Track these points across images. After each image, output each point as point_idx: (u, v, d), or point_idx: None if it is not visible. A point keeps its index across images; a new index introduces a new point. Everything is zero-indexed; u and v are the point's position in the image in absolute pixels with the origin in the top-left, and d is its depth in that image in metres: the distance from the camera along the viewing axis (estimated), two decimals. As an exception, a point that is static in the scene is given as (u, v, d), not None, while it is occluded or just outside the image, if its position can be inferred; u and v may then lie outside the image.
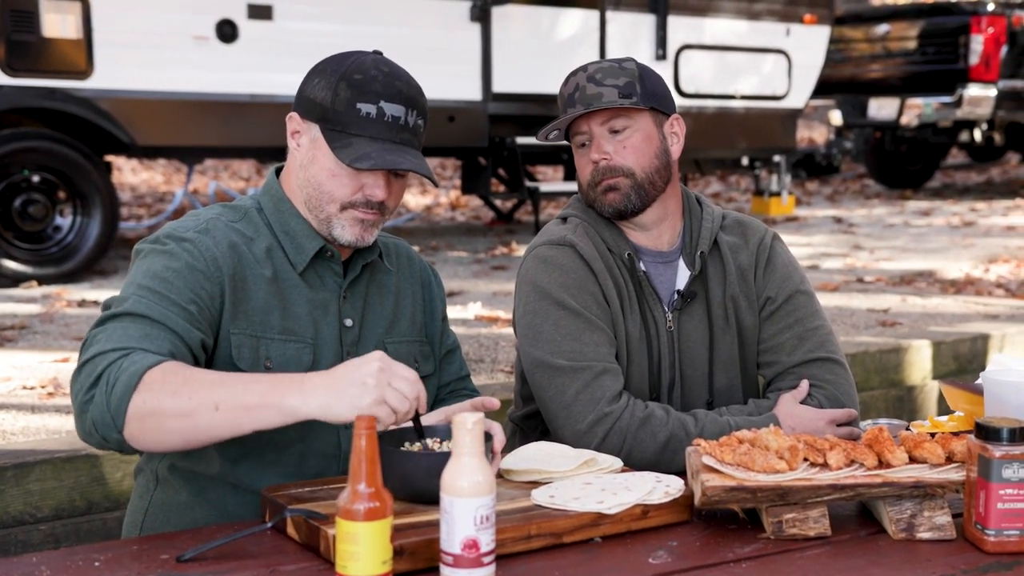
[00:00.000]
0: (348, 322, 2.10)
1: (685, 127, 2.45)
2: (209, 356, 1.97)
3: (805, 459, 1.81)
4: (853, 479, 1.77)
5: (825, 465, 1.80)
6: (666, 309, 2.39)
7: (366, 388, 1.69)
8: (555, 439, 2.25)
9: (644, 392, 2.35)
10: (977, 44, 11.14)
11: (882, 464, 1.81)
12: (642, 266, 2.38)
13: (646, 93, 2.34)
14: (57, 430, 3.67)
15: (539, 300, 2.32)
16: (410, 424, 1.84)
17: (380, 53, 2.07)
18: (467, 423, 1.54)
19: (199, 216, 2.06)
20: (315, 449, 2.06)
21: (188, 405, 1.74)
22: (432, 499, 1.63)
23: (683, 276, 2.41)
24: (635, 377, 2.34)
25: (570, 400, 2.24)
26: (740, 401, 2.41)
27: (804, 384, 2.33)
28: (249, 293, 2.00)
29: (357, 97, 1.98)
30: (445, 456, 1.60)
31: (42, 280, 6.49)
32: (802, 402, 2.31)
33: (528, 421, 2.51)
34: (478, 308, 5.84)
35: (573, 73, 2.36)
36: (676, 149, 2.42)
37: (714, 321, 2.40)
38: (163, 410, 1.75)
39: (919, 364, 5.26)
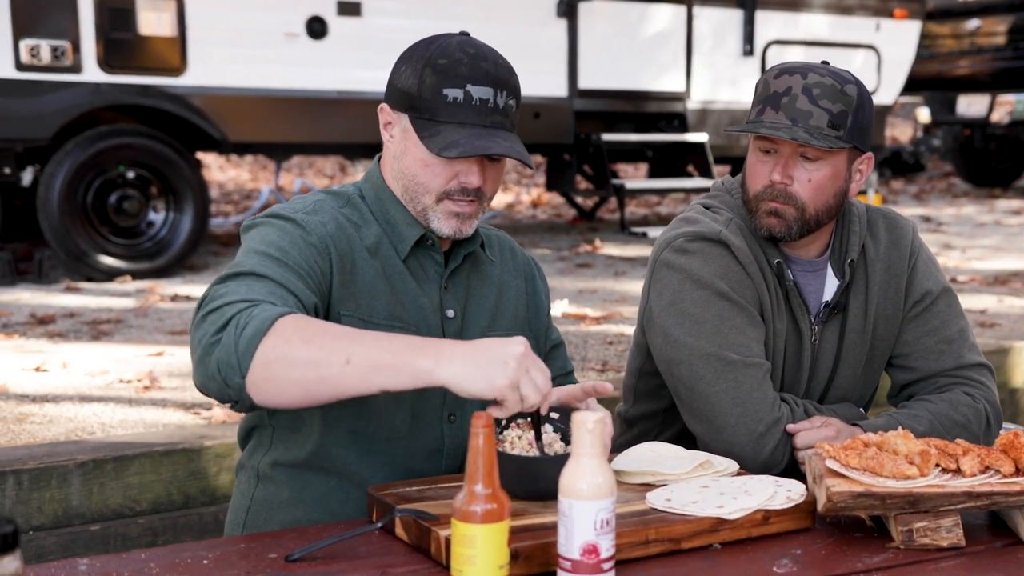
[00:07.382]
0: (450, 313, 2.06)
1: (873, 165, 2.29)
2: None
3: (936, 465, 1.74)
4: (989, 487, 1.69)
5: (958, 471, 1.73)
6: (812, 321, 2.28)
7: (507, 368, 1.62)
8: (713, 436, 2.17)
9: None
10: (1072, 39, 10.88)
11: (1019, 471, 1.73)
12: (791, 275, 2.27)
13: (855, 128, 2.17)
14: (154, 423, 3.71)
15: (697, 289, 2.22)
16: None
17: (467, 34, 2.02)
18: (587, 422, 1.48)
19: (305, 199, 2.05)
20: (421, 443, 2.03)
21: (319, 355, 1.66)
22: (549, 498, 1.59)
23: (831, 285, 2.31)
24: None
25: (745, 397, 2.15)
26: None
27: None
28: (356, 275, 1.98)
29: (443, 82, 1.93)
30: (564, 456, 1.56)
31: (135, 275, 6.59)
32: (964, 404, 2.26)
33: (647, 421, 2.45)
34: (565, 306, 5.79)
35: (788, 71, 2.18)
36: (855, 187, 2.27)
37: (846, 334, 2.30)
38: (292, 357, 1.67)
39: (1022, 366, 5.11)
